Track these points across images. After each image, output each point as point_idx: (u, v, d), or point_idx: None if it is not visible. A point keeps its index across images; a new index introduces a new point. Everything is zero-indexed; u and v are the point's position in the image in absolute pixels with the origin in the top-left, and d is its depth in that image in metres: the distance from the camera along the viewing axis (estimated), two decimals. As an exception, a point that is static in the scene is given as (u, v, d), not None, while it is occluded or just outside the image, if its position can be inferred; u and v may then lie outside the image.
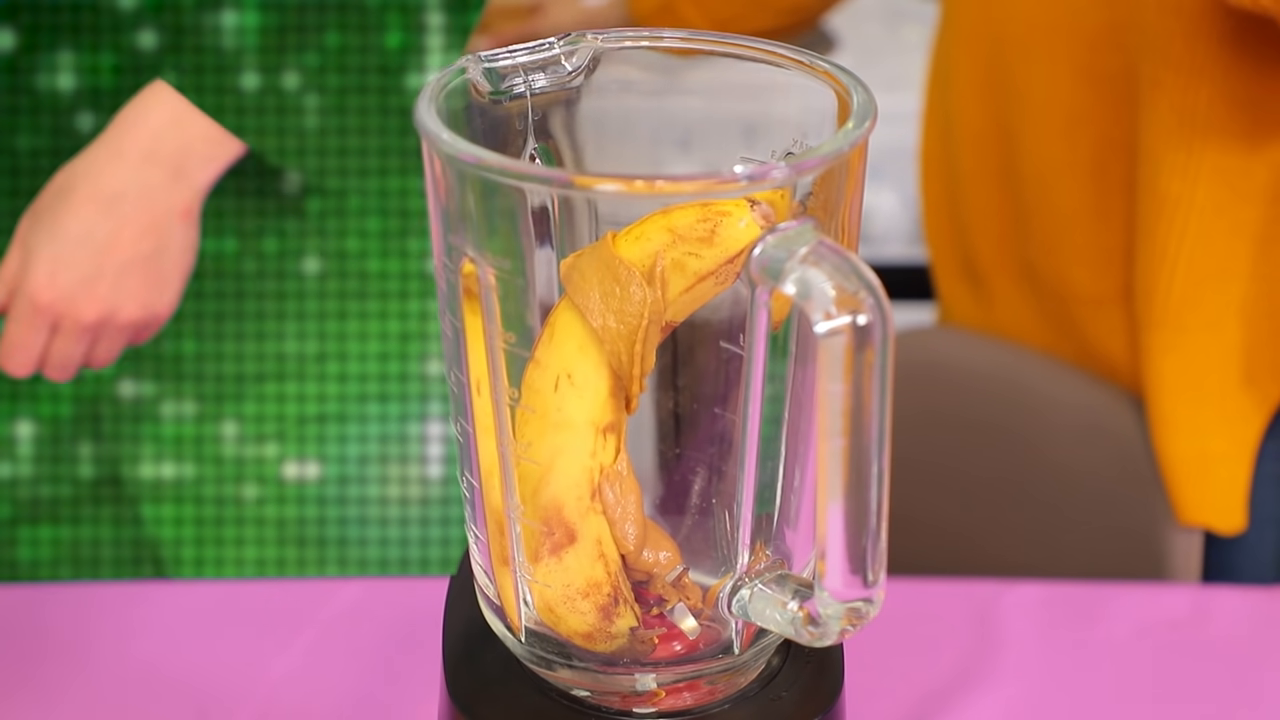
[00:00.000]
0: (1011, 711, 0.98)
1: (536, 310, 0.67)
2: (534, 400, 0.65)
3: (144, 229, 1.03)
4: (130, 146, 1.02)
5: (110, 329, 1.04)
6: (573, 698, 0.70)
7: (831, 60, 0.67)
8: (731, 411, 0.66)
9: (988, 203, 1.35)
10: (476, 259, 0.64)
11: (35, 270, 1.02)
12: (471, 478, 0.68)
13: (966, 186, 1.37)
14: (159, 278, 1.04)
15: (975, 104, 1.34)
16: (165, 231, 1.03)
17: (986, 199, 1.35)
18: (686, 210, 0.62)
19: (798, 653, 0.71)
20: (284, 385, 1.24)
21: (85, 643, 1.02)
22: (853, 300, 0.58)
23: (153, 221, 1.03)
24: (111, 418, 1.22)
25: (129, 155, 1.02)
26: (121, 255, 1.02)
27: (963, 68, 1.35)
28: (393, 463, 1.27)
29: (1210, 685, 1.00)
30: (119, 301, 1.03)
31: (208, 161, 1.04)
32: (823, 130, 0.65)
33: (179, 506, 1.24)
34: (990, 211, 1.35)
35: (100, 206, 1.02)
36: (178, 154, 1.03)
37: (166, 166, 1.03)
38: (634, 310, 0.63)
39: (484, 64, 0.68)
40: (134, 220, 1.02)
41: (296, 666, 1.00)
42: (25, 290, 1.02)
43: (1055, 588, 1.09)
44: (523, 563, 0.67)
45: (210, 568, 1.25)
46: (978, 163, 1.35)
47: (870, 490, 0.60)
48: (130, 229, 1.02)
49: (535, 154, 0.70)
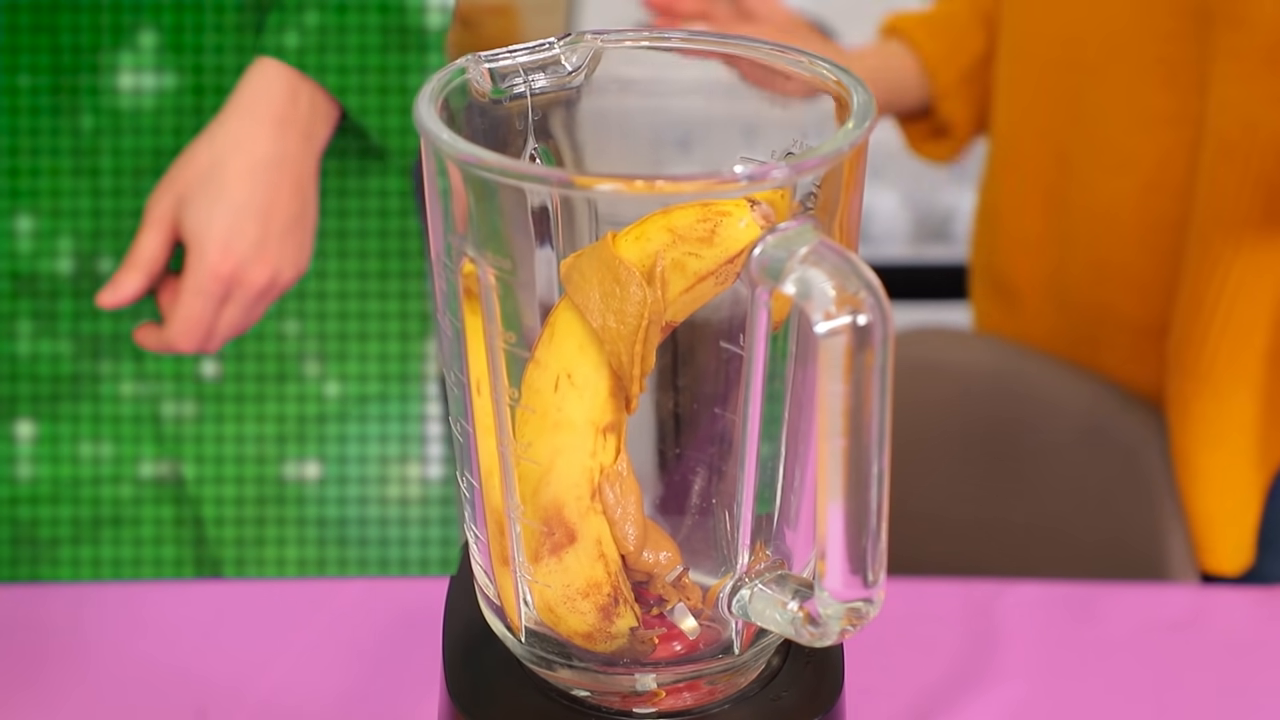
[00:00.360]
0: (1011, 711, 0.98)
1: (536, 310, 0.67)
2: (534, 400, 0.65)
3: (292, 191, 1.08)
4: (265, 115, 1.07)
5: (272, 292, 1.09)
6: (573, 698, 0.70)
7: (832, 60, 0.68)
8: (731, 411, 0.66)
9: (1029, 221, 1.34)
10: (476, 259, 0.64)
11: (209, 243, 1.05)
12: (471, 478, 0.68)
13: (1007, 201, 1.36)
14: (306, 237, 1.10)
15: (1028, 124, 1.33)
16: (307, 192, 1.09)
17: (1029, 218, 1.34)
18: (686, 210, 0.62)
19: (798, 653, 0.71)
20: (284, 385, 1.24)
21: (85, 643, 1.02)
22: (853, 300, 0.58)
23: (297, 183, 1.08)
24: (112, 418, 1.22)
25: (266, 124, 1.07)
26: (280, 219, 1.07)
27: (1019, 89, 1.34)
28: (393, 463, 1.28)
29: (1210, 685, 1.00)
30: (282, 264, 1.08)
31: (326, 122, 1.10)
32: (823, 130, 0.65)
33: (178, 506, 1.24)
34: (1031, 229, 1.34)
35: (256, 175, 1.06)
36: (305, 118, 1.09)
37: (299, 130, 1.08)
38: (634, 310, 0.63)
39: (484, 64, 0.68)
40: (285, 184, 1.07)
41: (296, 666, 1.00)
42: (203, 264, 1.05)
43: (1055, 588, 1.09)
44: (523, 563, 0.67)
45: (209, 568, 1.25)
46: (1023, 181, 1.34)
47: (870, 490, 0.60)
48: (284, 193, 1.07)
49: (535, 154, 0.70)
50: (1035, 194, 1.34)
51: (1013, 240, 1.36)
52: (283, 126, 1.08)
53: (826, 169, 0.63)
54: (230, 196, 1.06)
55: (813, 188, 0.63)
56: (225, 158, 1.06)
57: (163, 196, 1.07)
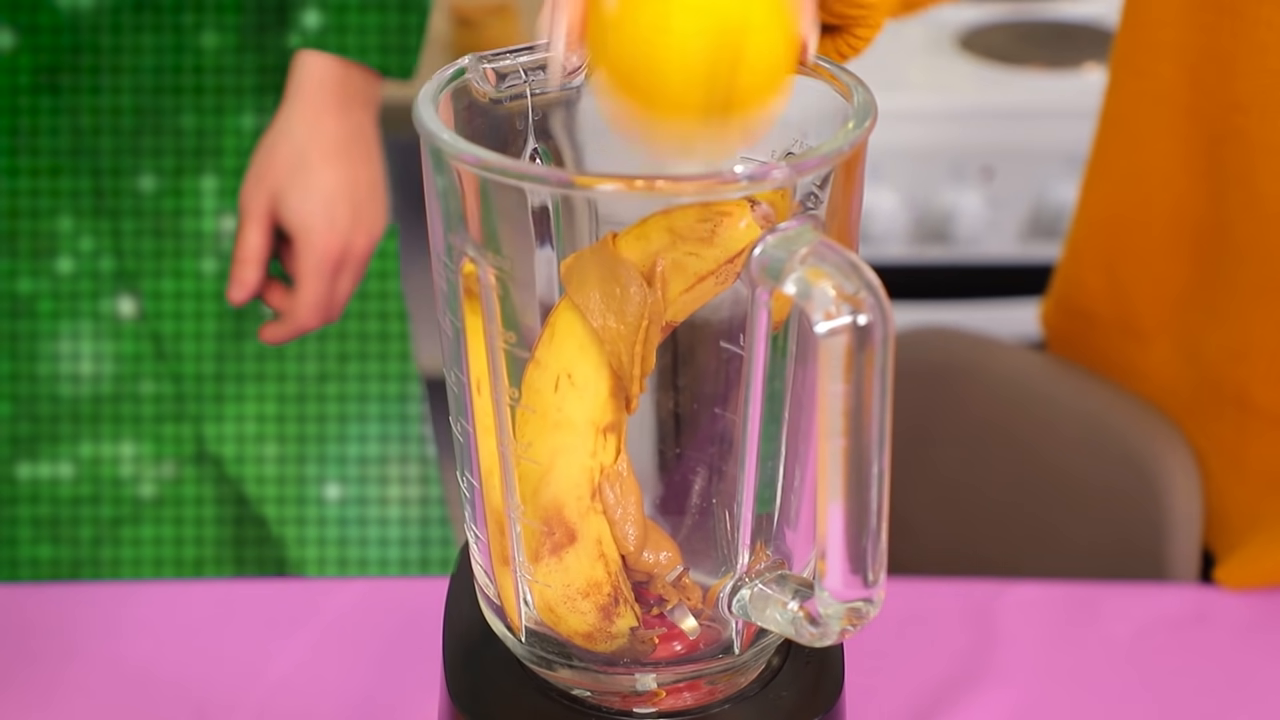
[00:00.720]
0: (1011, 711, 0.98)
1: (536, 310, 0.67)
2: (534, 400, 0.65)
3: (366, 160, 1.15)
4: (328, 101, 1.14)
5: (372, 249, 1.15)
6: (573, 698, 0.70)
7: (832, 60, 0.68)
8: (731, 411, 0.66)
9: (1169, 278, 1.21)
10: (476, 259, 0.64)
11: (312, 227, 1.11)
12: (471, 478, 0.68)
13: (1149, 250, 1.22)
14: (383, 192, 1.16)
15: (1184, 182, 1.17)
16: (375, 154, 1.17)
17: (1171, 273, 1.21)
18: (687, 210, 0.62)
19: (798, 653, 0.71)
20: (284, 386, 1.24)
21: (84, 643, 1.02)
22: (853, 300, 0.58)
23: (368, 151, 1.16)
24: (111, 418, 1.22)
25: (331, 107, 1.14)
26: (364, 187, 1.14)
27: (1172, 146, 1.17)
28: (393, 463, 1.28)
29: (1210, 685, 1.00)
30: (375, 225, 1.15)
31: (375, 84, 1.17)
32: (823, 130, 0.65)
33: (179, 507, 1.24)
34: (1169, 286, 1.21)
35: (338, 156, 1.13)
36: (361, 92, 1.16)
37: (359, 104, 1.16)
38: (634, 310, 0.63)
39: (484, 64, 0.68)
40: (360, 156, 1.15)
41: (296, 666, 1.00)
42: (313, 249, 1.11)
43: (1055, 588, 1.09)
44: (523, 563, 0.67)
45: (210, 567, 1.25)
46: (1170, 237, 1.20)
47: (870, 490, 0.60)
48: (361, 164, 1.14)
49: (535, 154, 0.70)
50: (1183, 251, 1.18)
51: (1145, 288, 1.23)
52: (345, 106, 1.14)
53: (826, 169, 0.63)
54: (321, 183, 1.12)
55: (813, 188, 0.63)
56: (306, 148, 1.12)
57: (256, 193, 1.12)
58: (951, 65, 2.22)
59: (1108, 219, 1.26)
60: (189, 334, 1.23)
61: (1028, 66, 2.20)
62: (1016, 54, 2.23)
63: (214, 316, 1.23)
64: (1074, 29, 2.31)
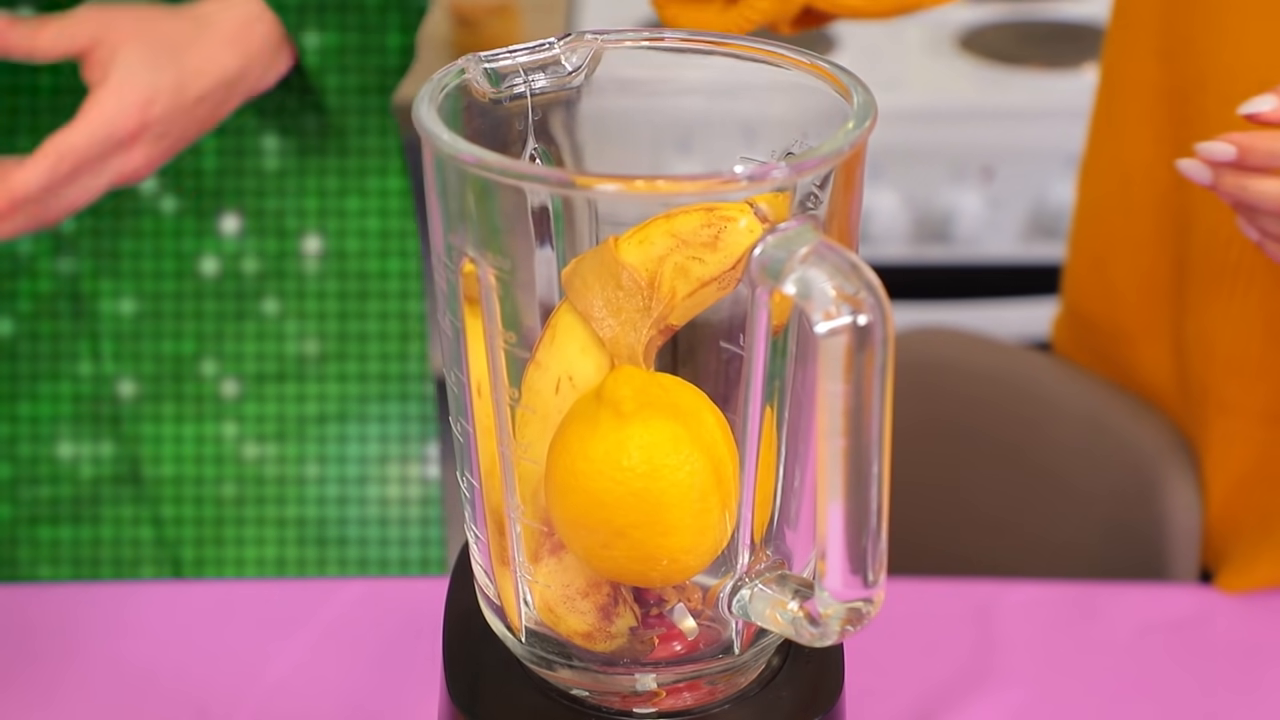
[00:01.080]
0: (1011, 712, 0.98)
1: (537, 310, 0.67)
2: (535, 401, 0.65)
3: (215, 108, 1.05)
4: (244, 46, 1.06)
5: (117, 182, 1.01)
6: (573, 698, 0.70)
7: (831, 60, 0.68)
8: (731, 411, 0.66)
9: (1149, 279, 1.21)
10: (476, 259, 0.64)
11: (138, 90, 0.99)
12: (471, 478, 0.68)
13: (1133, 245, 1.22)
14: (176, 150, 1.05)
15: (1163, 172, 1.15)
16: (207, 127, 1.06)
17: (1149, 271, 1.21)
18: (690, 214, 0.62)
19: (798, 653, 0.71)
20: (284, 385, 1.24)
21: (84, 643, 1.02)
22: (853, 300, 0.58)
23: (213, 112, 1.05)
24: (110, 418, 1.22)
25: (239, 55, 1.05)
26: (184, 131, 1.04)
27: (1152, 134, 1.17)
28: (393, 463, 1.28)
29: (1210, 685, 1.00)
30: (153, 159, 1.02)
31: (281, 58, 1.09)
32: (823, 130, 0.65)
33: (178, 506, 1.24)
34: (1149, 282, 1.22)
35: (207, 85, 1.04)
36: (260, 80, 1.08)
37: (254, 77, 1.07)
38: (636, 315, 0.63)
39: (484, 64, 0.68)
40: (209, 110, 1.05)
41: (296, 666, 1.00)
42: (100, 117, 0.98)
43: (1055, 588, 1.09)
44: (523, 563, 0.67)
45: (210, 567, 1.25)
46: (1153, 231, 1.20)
47: (870, 490, 0.60)
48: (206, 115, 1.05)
49: (535, 154, 0.70)
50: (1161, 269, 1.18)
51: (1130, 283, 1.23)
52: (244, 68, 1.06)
53: (826, 169, 0.63)
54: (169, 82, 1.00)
55: (813, 188, 0.63)
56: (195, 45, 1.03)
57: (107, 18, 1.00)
58: (951, 65, 2.23)
59: (1097, 215, 1.27)
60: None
61: (1027, 66, 2.20)
62: (1016, 54, 2.24)
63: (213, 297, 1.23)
64: (1074, 29, 2.31)
